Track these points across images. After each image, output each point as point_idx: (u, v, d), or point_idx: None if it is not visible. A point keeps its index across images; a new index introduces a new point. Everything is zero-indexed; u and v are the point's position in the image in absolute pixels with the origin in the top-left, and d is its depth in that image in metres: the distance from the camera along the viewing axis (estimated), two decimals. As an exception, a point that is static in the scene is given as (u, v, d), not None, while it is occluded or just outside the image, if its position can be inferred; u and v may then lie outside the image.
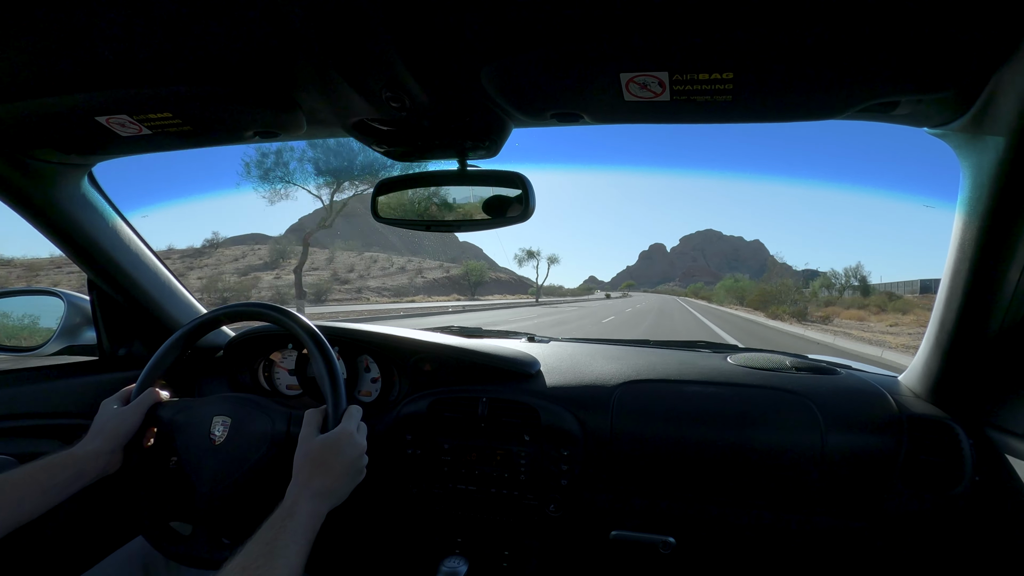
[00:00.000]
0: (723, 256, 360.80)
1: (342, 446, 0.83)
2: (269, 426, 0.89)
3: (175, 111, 0.80)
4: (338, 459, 0.82)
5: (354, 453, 0.85)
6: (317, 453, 0.81)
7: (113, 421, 0.87)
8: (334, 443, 0.83)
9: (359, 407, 0.91)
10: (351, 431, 0.86)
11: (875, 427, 1.04)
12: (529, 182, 0.89)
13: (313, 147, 30.79)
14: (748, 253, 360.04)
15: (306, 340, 0.94)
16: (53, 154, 0.98)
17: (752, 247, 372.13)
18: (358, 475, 0.86)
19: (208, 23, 0.63)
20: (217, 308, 1.03)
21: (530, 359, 1.26)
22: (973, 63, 0.60)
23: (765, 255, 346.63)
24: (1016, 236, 0.75)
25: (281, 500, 0.75)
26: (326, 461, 0.81)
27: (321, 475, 0.79)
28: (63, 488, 0.80)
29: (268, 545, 0.66)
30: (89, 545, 1.15)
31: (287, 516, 0.71)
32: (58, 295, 1.32)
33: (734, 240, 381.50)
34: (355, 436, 0.86)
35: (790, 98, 0.68)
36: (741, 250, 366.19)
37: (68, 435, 1.19)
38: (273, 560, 0.64)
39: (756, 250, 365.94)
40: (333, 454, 0.82)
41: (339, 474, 0.81)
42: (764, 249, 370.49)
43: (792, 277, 78.70)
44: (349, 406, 0.90)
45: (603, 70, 0.65)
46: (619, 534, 1.12)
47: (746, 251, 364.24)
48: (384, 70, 0.68)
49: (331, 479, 0.80)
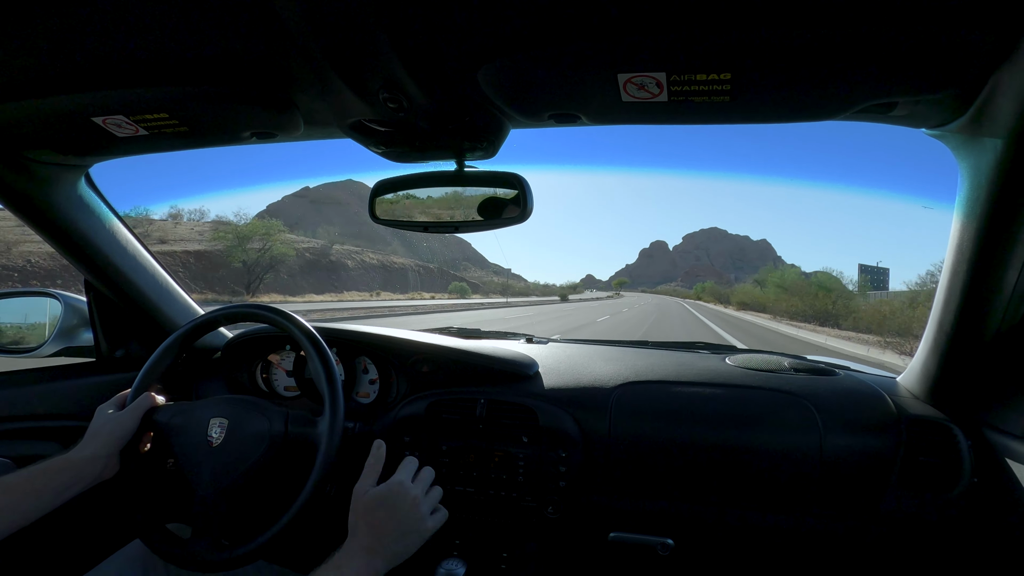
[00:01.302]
0: (728, 255, 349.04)
1: (395, 499, 0.80)
2: (267, 426, 0.89)
3: (172, 112, 0.80)
4: (392, 513, 0.78)
5: (405, 506, 0.80)
6: (368, 505, 0.79)
7: (109, 426, 0.87)
8: (385, 496, 0.80)
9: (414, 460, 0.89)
10: (402, 480, 0.83)
11: (873, 428, 1.04)
12: (527, 183, 0.89)
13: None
14: (755, 253, 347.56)
15: (303, 342, 0.94)
16: (50, 155, 0.98)
17: (759, 247, 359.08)
18: (418, 532, 0.81)
19: (205, 23, 0.63)
20: (214, 310, 1.03)
21: (528, 360, 1.26)
22: (971, 64, 0.60)
23: (772, 255, 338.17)
24: (1014, 237, 0.75)
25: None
26: (377, 515, 0.78)
27: (373, 531, 0.76)
28: (59, 493, 0.80)
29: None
30: (88, 547, 1.15)
31: (333, 569, 0.70)
32: (55, 296, 1.32)
33: (739, 239, 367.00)
34: (408, 487, 0.82)
35: (788, 99, 0.68)
36: (747, 249, 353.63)
37: (66, 437, 1.19)
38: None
39: (763, 250, 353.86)
40: (385, 507, 0.79)
41: (393, 530, 0.77)
42: (771, 249, 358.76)
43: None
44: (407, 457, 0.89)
45: (600, 70, 0.64)
46: (617, 536, 1.12)
47: (752, 251, 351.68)
48: (381, 70, 0.68)
49: (385, 535, 0.76)
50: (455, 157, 0.92)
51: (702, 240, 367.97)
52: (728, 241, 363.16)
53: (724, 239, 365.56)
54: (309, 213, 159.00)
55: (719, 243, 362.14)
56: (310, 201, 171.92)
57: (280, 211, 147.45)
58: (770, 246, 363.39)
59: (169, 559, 0.86)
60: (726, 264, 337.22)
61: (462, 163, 0.92)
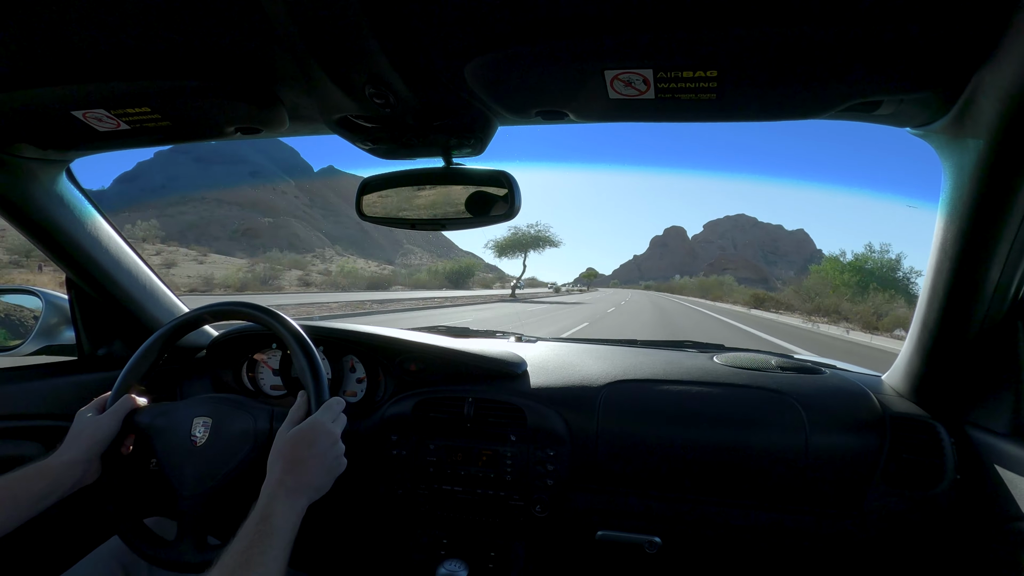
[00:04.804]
0: (758, 246, 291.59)
1: (316, 437, 0.80)
2: (251, 425, 0.88)
3: (154, 106, 0.79)
4: (311, 451, 0.78)
5: (327, 442, 0.81)
6: (288, 447, 0.78)
7: (88, 430, 0.85)
8: (306, 434, 0.80)
9: (341, 400, 0.89)
10: (322, 420, 0.83)
11: (858, 426, 1.05)
12: (515, 180, 0.89)
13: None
14: (790, 245, 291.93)
15: (289, 340, 0.93)
16: (29, 149, 0.96)
17: (795, 238, 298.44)
18: (337, 466, 0.82)
19: (186, 15, 0.62)
20: (198, 308, 1.01)
21: (517, 359, 1.26)
22: (954, 63, 0.60)
23: (811, 247, 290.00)
24: (996, 236, 0.76)
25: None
26: (298, 455, 0.78)
27: (295, 470, 0.76)
28: (38, 500, 0.78)
29: (243, 555, 0.64)
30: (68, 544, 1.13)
31: (261, 519, 0.68)
32: (35, 294, 1.30)
33: (772, 228, 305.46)
34: (327, 425, 0.83)
35: (773, 97, 0.69)
36: (781, 240, 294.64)
37: (47, 437, 1.17)
38: (249, 572, 0.62)
39: (800, 241, 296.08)
40: (305, 446, 0.79)
41: (314, 467, 0.78)
42: (809, 240, 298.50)
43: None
44: (330, 399, 0.88)
45: (587, 67, 0.64)
46: (605, 534, 1.12)
47: (787, 242, 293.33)
48: (366, 65, 0.67)
49: (306, 473, 0.77)
50: (443, 154, 0.92)
51: (727, 229, 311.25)
52: (758, 230, 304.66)
53: (753, 228, 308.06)
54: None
55: (747, 232, 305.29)
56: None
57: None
58: (807, 237, 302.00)
59: (153, 561, 0.84)
60: (755, 256, 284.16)
61: (450, 160, 0.92)
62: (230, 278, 39.89)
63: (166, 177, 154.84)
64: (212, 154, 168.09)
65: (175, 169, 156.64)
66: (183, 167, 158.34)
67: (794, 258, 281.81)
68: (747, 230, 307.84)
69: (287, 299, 23.97)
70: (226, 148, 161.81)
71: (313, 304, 18.77)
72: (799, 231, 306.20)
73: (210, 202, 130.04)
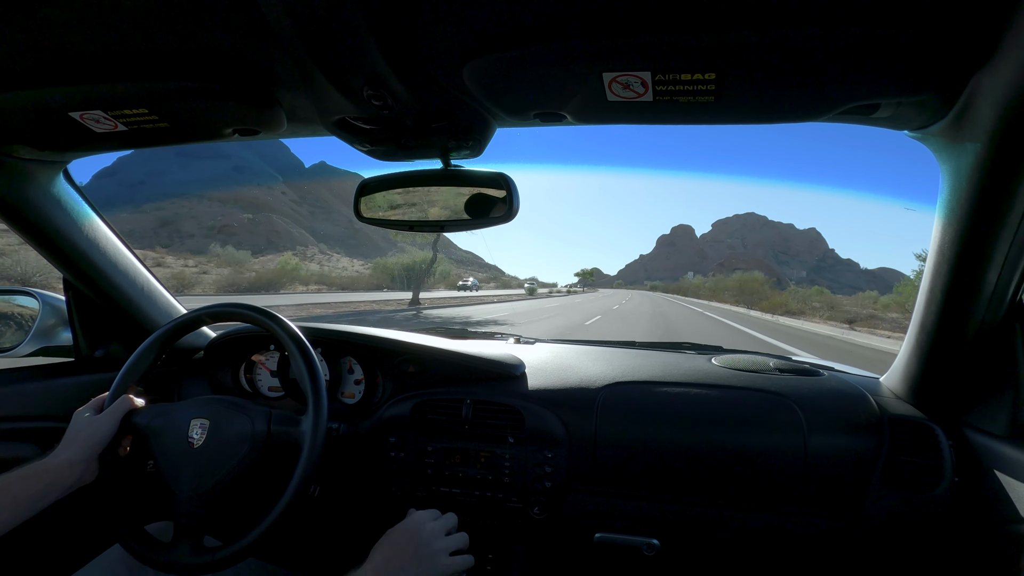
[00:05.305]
0: (768, 246, 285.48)
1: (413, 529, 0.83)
2: (249, 426, 0.88)
3: (151, 107, 0.79)
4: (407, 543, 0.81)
5: (422, 537, 0.83)
6: (389, 536, 0.81)
7: (86, 431, 0.85)
8: (406, 525, 0.84)
9: (453, 516, 0.90)
10: (423, 514, 0.86)
11: (856, 428, 1.05)
12: (513, 182, 0.89)
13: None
14: (802, 244, 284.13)
15: (286, 341, 0.92)
16: (27, 150, 0.96)
17: (807, 237, 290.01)
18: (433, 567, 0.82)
19: (184, 17, 0.62)
20: (196, 309, 1.01)
21: (515, 361, 1.26)
22: (952, 66, 0.60)
23: (823, 247, 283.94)
24: (994, 238, 0.76)
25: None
26: (395, 543, 0.81)
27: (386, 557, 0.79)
28: (36, 500, 0.77)
29: None
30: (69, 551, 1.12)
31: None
32: (32, 295, 1.29)
33: (783, 227, 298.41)
34: (427, 521, 0.85)
35: (771, 100, 0.69)
36: (792, 240, 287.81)
37: (44, 438, 1.16)
38: None
39: (812, 241, 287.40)
40: (403, 535, 0.82)
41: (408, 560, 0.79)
42: (822, 240, 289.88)
43: (862, 278, 45.37)
44: (447, 515, 0.89)
45: (586, 69, 0.64)
46: (603, 536, 1.12)
47: (799, 241, 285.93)
48: (365, 67, 0.67)
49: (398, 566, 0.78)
50: (441, 156, 0.91)
51: (736, 228, 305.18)
52: (768, 229, 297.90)
53: (764, 227, 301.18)
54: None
55: (757, 232, 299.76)
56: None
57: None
58: (820, 236, 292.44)
59: (152, 564, 0.84)
60: (767, 255, 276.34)
61: (448, 162, 0.92)
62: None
63: (146, 172, 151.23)
64: (196, 148, 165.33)
65: (156, 164, 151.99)
66: (164, 162, 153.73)
67: (806, 258, 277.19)
68: (757, 229, 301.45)
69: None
70: (212, 142, 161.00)
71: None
72: (811, 230, 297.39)
73: (190, 198, 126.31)
